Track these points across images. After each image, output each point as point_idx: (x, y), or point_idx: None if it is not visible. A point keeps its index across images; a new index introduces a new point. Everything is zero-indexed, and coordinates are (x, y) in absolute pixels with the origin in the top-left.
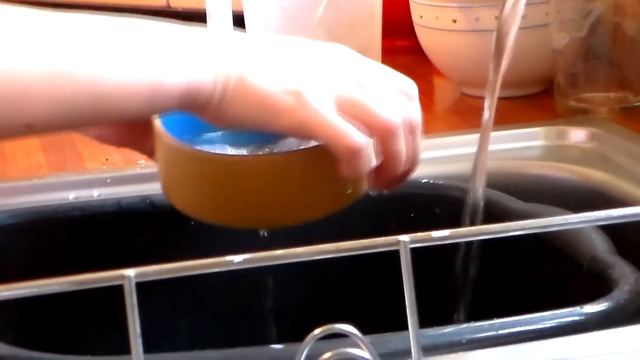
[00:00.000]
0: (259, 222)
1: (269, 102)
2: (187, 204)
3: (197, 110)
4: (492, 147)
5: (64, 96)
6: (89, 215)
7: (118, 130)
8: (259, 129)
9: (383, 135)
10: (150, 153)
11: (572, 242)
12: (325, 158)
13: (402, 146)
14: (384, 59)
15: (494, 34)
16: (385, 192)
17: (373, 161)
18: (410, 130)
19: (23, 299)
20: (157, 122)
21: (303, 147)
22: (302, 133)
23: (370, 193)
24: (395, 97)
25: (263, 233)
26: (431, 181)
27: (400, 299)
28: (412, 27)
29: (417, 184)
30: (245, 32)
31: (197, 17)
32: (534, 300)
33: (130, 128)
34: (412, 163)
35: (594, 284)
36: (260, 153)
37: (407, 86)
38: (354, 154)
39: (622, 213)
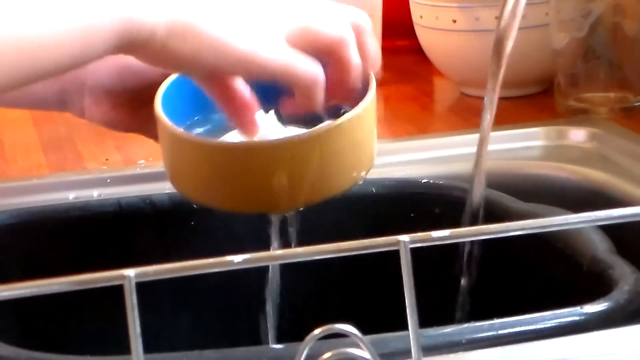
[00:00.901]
0: (269, 207)
1: (222, 40)
2: (195, 192)
3: (135, 52)
4: (492, 147)
5: None
6: (88, 215)
7: (124, 116)
8: (208, 71)
9: (334, 47)
10: (157, 137)
11: (572, 242)
12: (329, 141)
13: (354, 55)
14: (384, 59)
15: (494, 34)
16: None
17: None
18: (362, 33)
19: (23, 299)
20: (158, 108)
21: (301, 132)
22: (255, 69)
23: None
24: (338, 11)
25: (272, 218)
26: (431, 181)
27: (400, 299)
28: (412, 27)
29: (417, 184)
30: None
31: None
32: (534, 300)
33: (136, 114)
34: (373, 61)
35: (594, 284)
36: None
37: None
38: (311, 82)
39: (622, 213)
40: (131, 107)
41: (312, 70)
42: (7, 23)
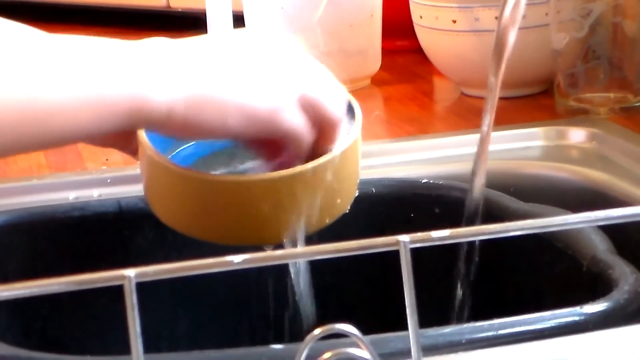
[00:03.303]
0: (240, 240)
1: (246, 105)
2: (169, 216)
3: (155, 128)
4: (492, 147)
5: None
6: (89, 215)
7: None
8: (232, 135)
9: (331, 127)
10: (134, 152)
11: (572, 242)
12: (305, 181)
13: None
14: (384, 59)
15: (494, 34)
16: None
17: None
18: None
19: (23, 299)
20: (141, 131)
21: (280, 170)
22: (274, 130)
23: None
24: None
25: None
26: (431, 181)
27: (400, 299)
28: (412, 27)
29: (417, 184)
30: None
31: (197, 17)
32: (534, 300)
33: None
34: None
35: (594, 284)
36: (236, 173)
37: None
38: (300, 145)
39: (622, 213)
40: None
41: (309, 139)
42: (23, 87)
